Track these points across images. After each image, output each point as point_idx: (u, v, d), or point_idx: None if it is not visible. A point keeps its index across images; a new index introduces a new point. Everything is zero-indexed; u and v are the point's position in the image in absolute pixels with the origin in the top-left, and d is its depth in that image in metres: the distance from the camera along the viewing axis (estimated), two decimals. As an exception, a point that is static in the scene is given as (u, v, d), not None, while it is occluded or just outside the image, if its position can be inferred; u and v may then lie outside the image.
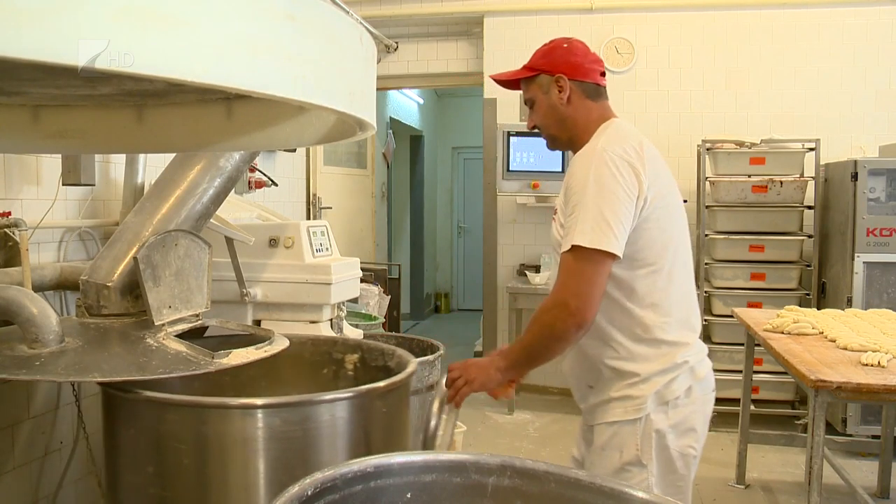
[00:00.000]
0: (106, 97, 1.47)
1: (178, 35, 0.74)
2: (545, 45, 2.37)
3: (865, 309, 4.23)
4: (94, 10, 0.72)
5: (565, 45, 2.32)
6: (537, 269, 6.07)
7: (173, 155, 2.94)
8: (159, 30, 0.73)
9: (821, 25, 5.90)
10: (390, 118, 8.65)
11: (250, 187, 4.88)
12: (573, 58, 2.29)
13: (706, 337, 5.57)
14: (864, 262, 5.01)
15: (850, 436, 5.03)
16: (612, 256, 2.06)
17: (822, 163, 5.48)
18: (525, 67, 2.36)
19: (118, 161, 3.59)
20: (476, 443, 5.14)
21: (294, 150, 5.76)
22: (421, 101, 10.01)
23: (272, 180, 4.98)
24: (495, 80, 2.45)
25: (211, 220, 2.97)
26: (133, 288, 2.58)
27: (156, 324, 2.49)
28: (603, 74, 2.33)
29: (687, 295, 2.27)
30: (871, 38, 5.81)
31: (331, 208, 6.42)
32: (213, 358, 2.36)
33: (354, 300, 4.52)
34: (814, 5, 5.90)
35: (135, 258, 2.47)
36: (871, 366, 2.91)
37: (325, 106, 1.00)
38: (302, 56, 0.89)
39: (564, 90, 2.27)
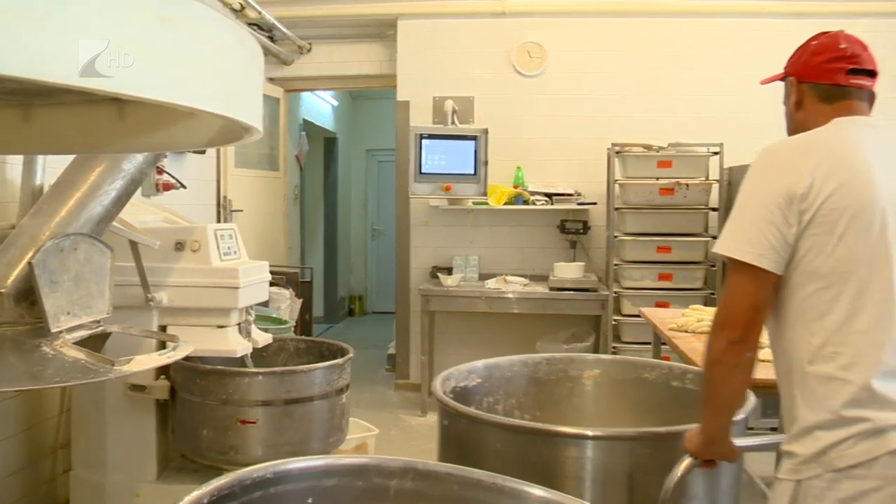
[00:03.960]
0: (-11, 96, 1.42)
1: (42, 36, 0.72)
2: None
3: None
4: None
5: (813, 43, 1.97)
6: (450, 270, 6.10)
7: (74, 156, 2.85)
8: (23, 30, 0.71)
9: (724, 35, 6.11)
10: (304, 120, 8.55)
11: (158, 189, 4.77)
12: (813, 57, 1.93)
13: (615, 336, 5.69)
14: (764, 262, 5.16)
15: (751, 429, 5.19)
16: (755, 268, 1.83)
17: (725, 166, 5.67)
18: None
19: (15, 161, 3.46)
20: (389, 446, 5.13)
21: (204, 152, 5.64)
22: (335, 104, 9.94)
23: (180, 182, 4.88)
24: (764, 82, 2.20)
25: (113, 224, 2.90)
26: (28, 294, 2.50)
27: (53, 331, 2.41)
28: (858, 72, 1.89)
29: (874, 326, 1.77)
30: (767, 49, 5.98)
31: (242, 211, 6.31)
32: (113, 365, 2.30)
33: (264, 304, 4.46)
34: (718, 15, 6.10)
35: (30, 263, 2.40)
36: (770, 361, 3.00)
37: (200, 108, 0.98)
38: (175, 58, 0.88)
39: (793, 94, 1.98)
